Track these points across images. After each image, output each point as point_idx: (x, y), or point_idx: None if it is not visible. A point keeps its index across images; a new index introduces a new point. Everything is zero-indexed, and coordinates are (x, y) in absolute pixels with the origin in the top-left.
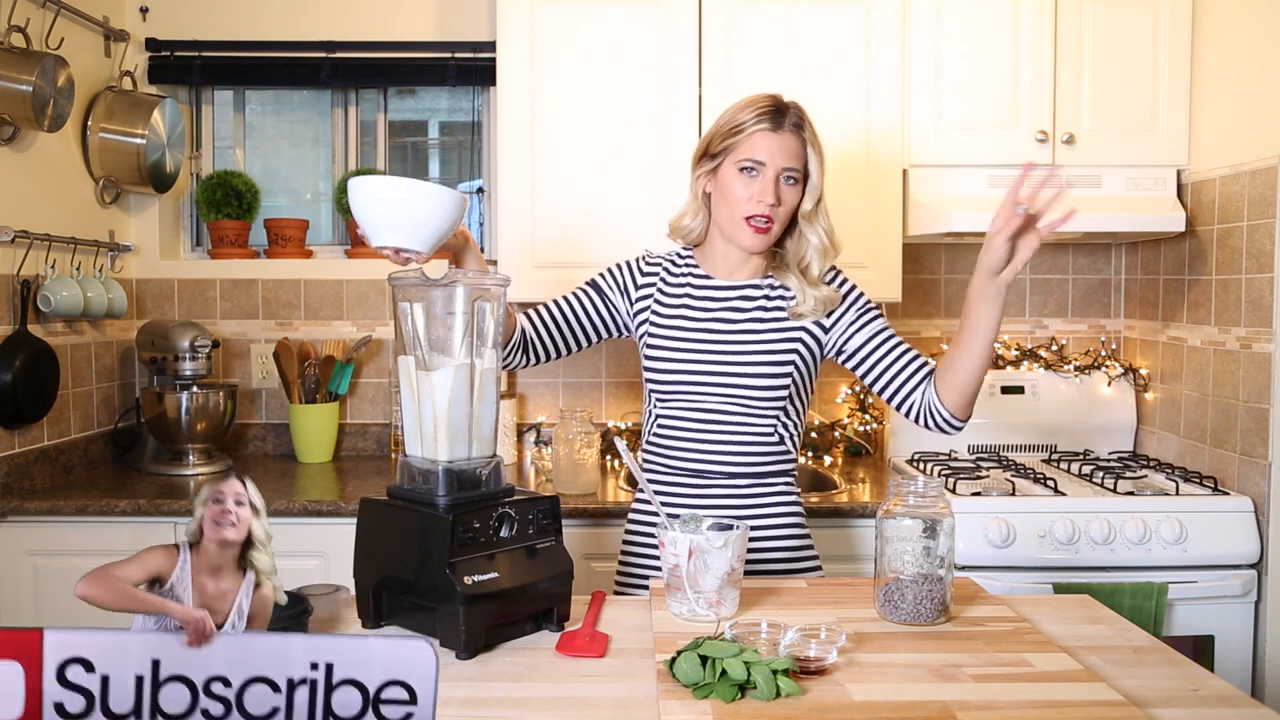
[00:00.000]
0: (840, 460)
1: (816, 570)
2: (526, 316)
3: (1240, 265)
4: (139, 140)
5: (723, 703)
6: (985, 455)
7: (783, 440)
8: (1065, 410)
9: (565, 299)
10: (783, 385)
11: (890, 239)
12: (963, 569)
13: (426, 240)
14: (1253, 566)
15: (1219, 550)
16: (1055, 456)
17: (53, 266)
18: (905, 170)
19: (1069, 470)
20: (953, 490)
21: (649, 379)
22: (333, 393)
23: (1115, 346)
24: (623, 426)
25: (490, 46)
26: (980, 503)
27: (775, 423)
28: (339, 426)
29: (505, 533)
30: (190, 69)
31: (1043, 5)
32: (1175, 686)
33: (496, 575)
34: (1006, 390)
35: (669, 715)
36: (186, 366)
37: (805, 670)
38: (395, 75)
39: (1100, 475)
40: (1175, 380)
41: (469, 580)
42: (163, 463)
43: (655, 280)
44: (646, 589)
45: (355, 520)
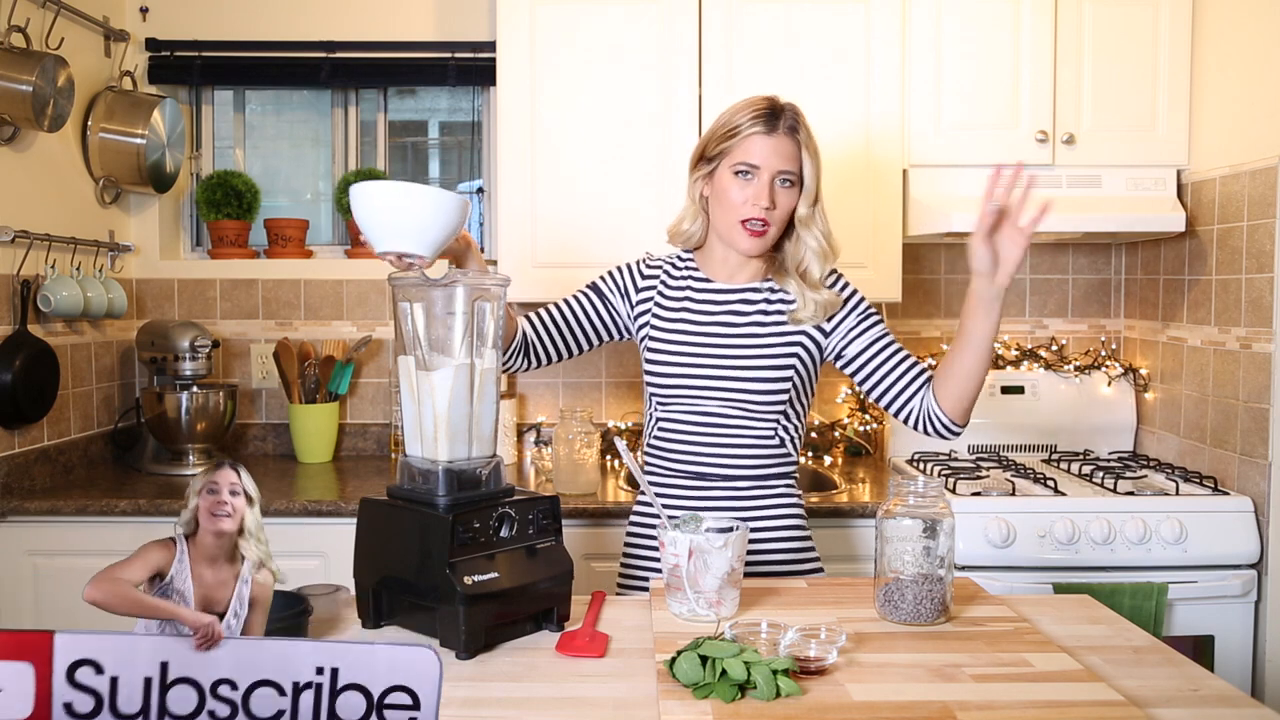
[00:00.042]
0: (840, 460)
1: (819, 572)
2: (528, 320)
3: (1240, 265)
4: (139, 140)
5: (723, 703)
6: (985, 455)
7: (783, 443)
8: (1065, 410)
9: (566, 302)
10: (783, 389)
11: (890, 239)
12: (963, 569)
13: (430, 245)
14: (1253, 566)
15: (1219, 550)
16: (1055, 456)
17: (53, 266)
18: (905, 170)
19: (1069, 470)
20: (953, 490)
21: (650, 383)
22: (333, 393)
23: (1115, 346)
24: (623, 426)
25: (490, 46)
26: (980, 503)
27: (776, 426)
28: (339, 426)
29: (505, 533)
30: (190, 69)
31: (1043, 5)
32: (1175, 686)
33: (496, 575)
34: (1006, 390)
35: (669, 715)
36: (186, 366)
37: (805, 670)
38: (395, 75)
39: (1100, 475)
40: (1175, 380)
41: (469, 580)
42: (163, 463)
43: (656, 283)
44: (649, 590)
45: (355, 520)
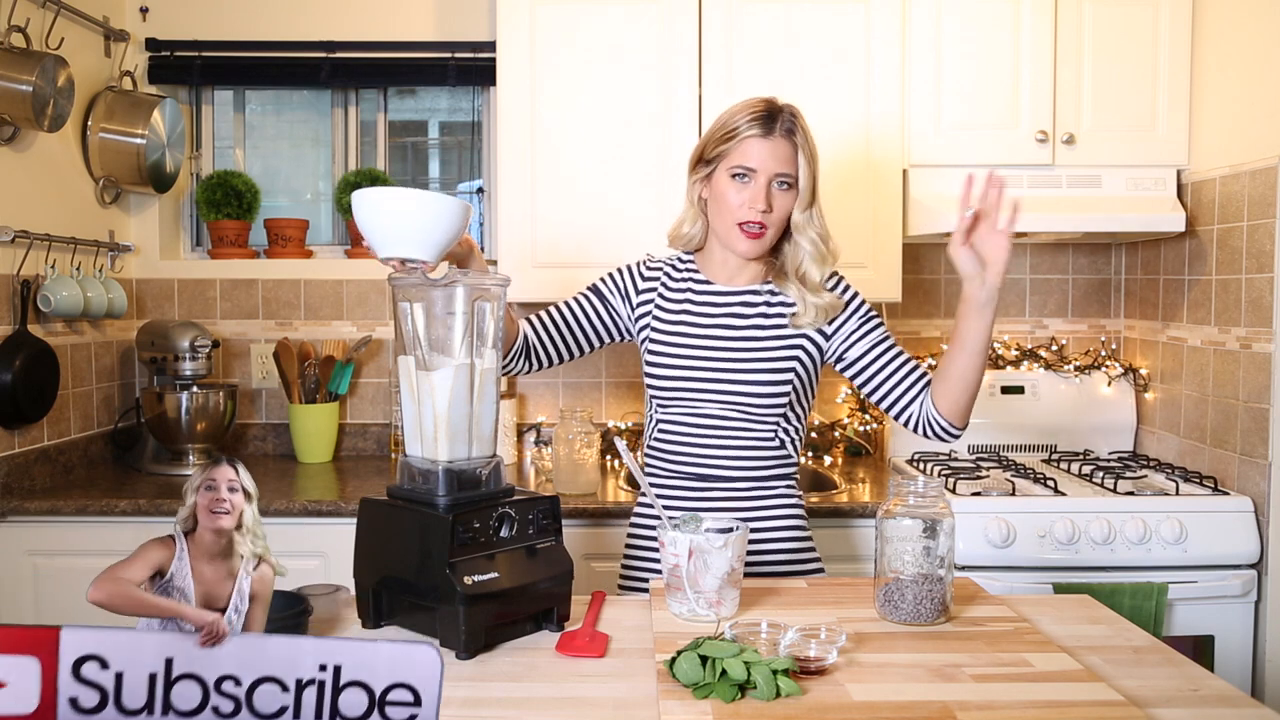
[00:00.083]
0: (840, 460)
1: (819, 572)
2: (529, 322)
3: (1240, 265)
4: (139, 140)
5: (723, 703)
6: (985, 455)
7: (784, 445)
8: (1065, 410)
9: (567, 304)
10: (784, 392)
11: (890, 239)
12: (963, 569)
13: (432, 250)
14: (1253, 566)
15: (1219, 550)
16: (1055, 456)
17: (53, 266)
18: (905, 170)
19: (1069, 470)
20: (953, 490)
21: (650, 384)
22: (333, 393)
23: (1115, 346)
24: (623, 426)
25: (490, 46)
26: (980, 503)
27: (776, 428)
28: (339, 426)
29: (505, 533)
30: (190, 69)
31: (1043, 5)
32: (1175, 686)
33: (496, 575)
34: (1006, 390)
35: (669, 715)
36: (186, 366)
37: (805, 670)
38: (395, 75)
39: (1100, 475)
40: (1175, 380)
41: (469, 580)
42: (163, 463)
43: (656, 285)
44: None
45: (355, 520)
